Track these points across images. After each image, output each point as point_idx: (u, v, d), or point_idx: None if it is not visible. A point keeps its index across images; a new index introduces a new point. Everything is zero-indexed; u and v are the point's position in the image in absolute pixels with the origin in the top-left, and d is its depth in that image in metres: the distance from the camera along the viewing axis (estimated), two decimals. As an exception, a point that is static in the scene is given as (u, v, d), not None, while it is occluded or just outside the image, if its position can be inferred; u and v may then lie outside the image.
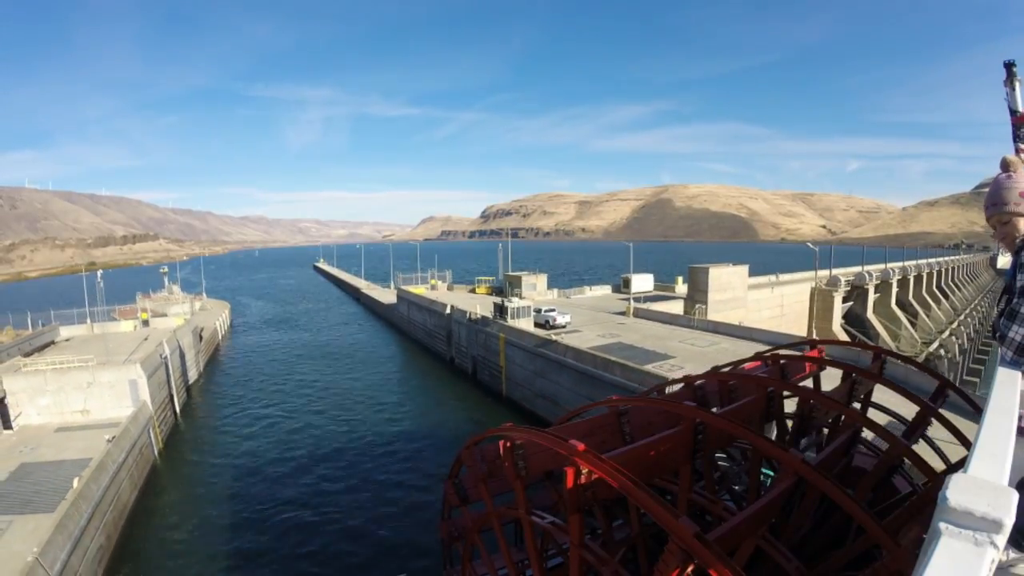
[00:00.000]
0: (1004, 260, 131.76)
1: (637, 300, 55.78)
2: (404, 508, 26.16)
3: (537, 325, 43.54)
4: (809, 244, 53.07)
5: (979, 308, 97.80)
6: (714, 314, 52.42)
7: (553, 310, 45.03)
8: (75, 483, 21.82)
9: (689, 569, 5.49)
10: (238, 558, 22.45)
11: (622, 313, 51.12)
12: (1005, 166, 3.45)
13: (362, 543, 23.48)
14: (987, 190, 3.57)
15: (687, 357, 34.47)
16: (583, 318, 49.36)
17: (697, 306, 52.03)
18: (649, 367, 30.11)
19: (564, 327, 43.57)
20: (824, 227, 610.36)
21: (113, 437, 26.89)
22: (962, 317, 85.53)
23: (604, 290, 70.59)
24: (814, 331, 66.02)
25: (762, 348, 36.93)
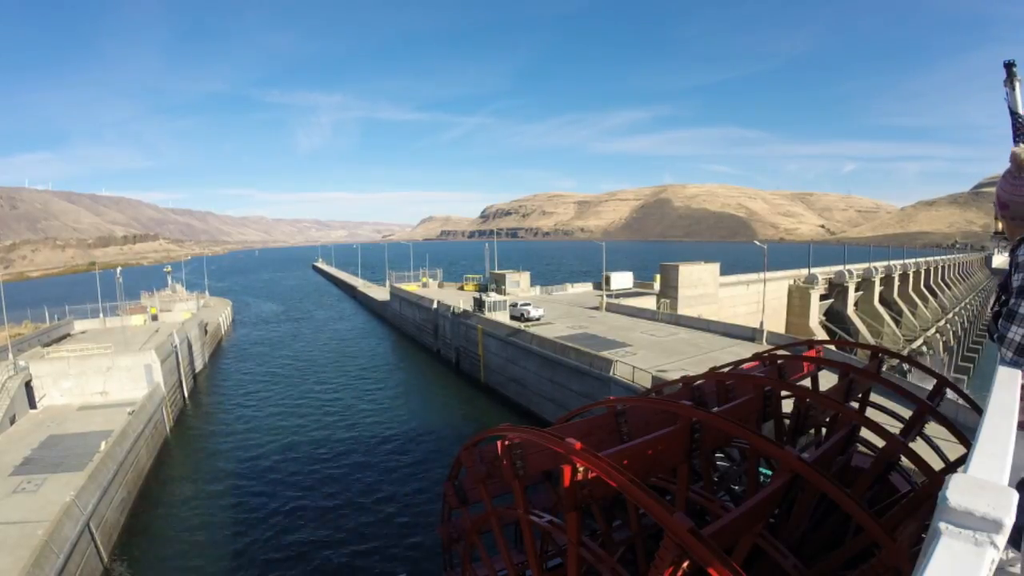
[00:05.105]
0: (999, 259, 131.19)
1: (616, 296, 59.69)
2: (398, 505, 26.81)
3: (513, 318, 47.49)
4: (757, 242, 56.63)
5: (969, 307, 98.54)
6: (685, 309, 55.96)
7: (528, 304, 49.10)
8: (103, 445, 25.78)
9: (684, 565, 5.41)
10: (236, 523, 25.41)
11: (596, 308, 54.97)
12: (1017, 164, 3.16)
13: (358, 534, 24.30)
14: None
15: (642, 345, 38.37)
16: (558, 312, 53.31)
17: (662, 300, 55.77)
18: (603, 353, 33.87)
19: (538, 319, 47.57)
20: (823, 227, 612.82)
21: (133, 411, 30.85)
22: (950, 315, 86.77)
23: (585, 287, 74.51)
24: (789, 327, 69.48)
25: (717, 339, 41.20)
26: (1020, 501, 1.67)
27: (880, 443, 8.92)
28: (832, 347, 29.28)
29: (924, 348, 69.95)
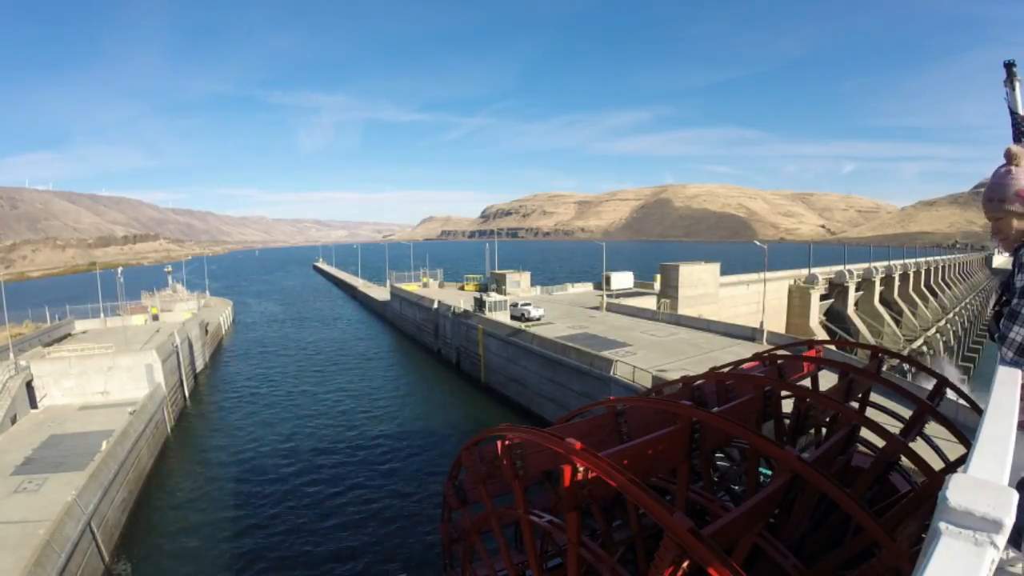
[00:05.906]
0: (1000, 259, 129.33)
1: (616, 296, 59.67)
2: (398, 505, 26.72)
3: (513, 318, 47.53)
4: (757, 243, 56.65)
5: (970, 307, 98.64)
6: (685, 309, 55.95)
7: (528, 304, 49.15)
8: (104, 445, 25.82)
9: (684, 565, 5.40)
10: (237, 523, 25.41)
11: (596, 308, 55.00)
12: (1009, 158, 3.32)
13: (359, 535, 24.29)
14: (985, 187, 3.71)
15: (642, 345, 38.40)
16: (559, 312, 53.34)
17: (662, 300, 55.77)
18: (604, 353, 33.89)
19: (539, 319, 47.61)
20: (823, 227, 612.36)
21: (134, 411, 30.89)
22: (950, 315, 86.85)
23: (586, 287, 74.56)
24: (789, 327, 69.43)
25: (717, 339, 41.20)
26: (1020, 501, 1.67)
27: (880, 443, 8.89)
28: (832, 347, 29.20)
29: (924, 348, 70.06)
